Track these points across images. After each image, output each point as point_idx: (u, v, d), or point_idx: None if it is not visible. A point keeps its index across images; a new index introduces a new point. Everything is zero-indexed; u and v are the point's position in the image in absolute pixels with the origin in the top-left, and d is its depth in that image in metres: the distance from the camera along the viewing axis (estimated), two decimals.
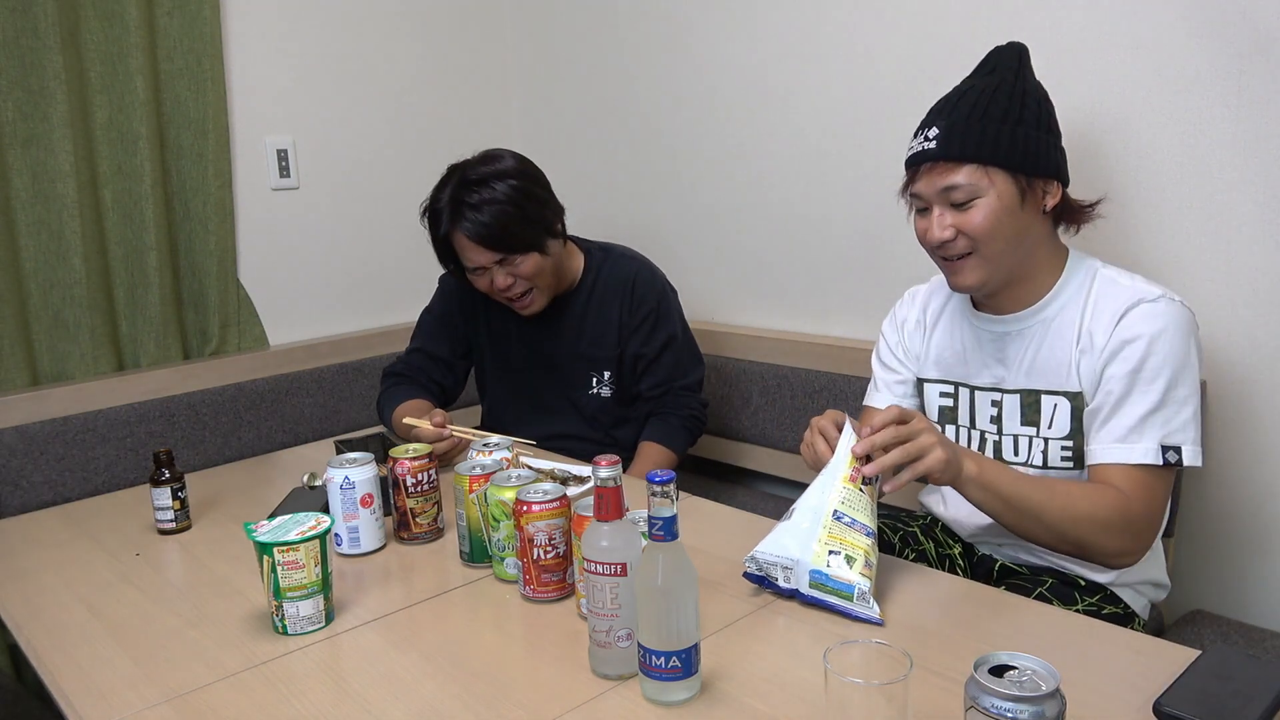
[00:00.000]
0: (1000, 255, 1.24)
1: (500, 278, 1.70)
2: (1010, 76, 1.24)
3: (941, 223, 1.24)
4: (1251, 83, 1.44)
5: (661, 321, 1.85)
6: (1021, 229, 1.23)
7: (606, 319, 1.84)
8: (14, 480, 1.83)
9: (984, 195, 1.21)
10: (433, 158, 2.57)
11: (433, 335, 1.93)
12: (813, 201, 2.07)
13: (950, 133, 1.22)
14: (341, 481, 1.31)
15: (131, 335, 2.08)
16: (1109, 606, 1.30)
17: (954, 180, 1.21)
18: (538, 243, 1.70)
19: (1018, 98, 1.22)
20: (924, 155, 1.24)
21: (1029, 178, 1.22)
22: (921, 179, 1.25)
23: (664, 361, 1.85)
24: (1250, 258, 1.49)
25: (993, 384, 1.35)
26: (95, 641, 1.13)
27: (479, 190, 1.66)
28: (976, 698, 0.74)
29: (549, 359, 1.87)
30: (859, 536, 1.10)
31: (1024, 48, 1.28)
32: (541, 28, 2.61)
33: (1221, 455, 1.57)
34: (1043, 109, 1.25)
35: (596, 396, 1.86)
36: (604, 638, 0.97)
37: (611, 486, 0.96)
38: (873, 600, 1.06)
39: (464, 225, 1.65)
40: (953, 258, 1.26)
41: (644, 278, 1.86)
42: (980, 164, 1.20)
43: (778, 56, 2.06)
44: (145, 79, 1.98)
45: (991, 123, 1.21)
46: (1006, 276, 1.28)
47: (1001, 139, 1.20)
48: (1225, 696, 0.86)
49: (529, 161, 1.77)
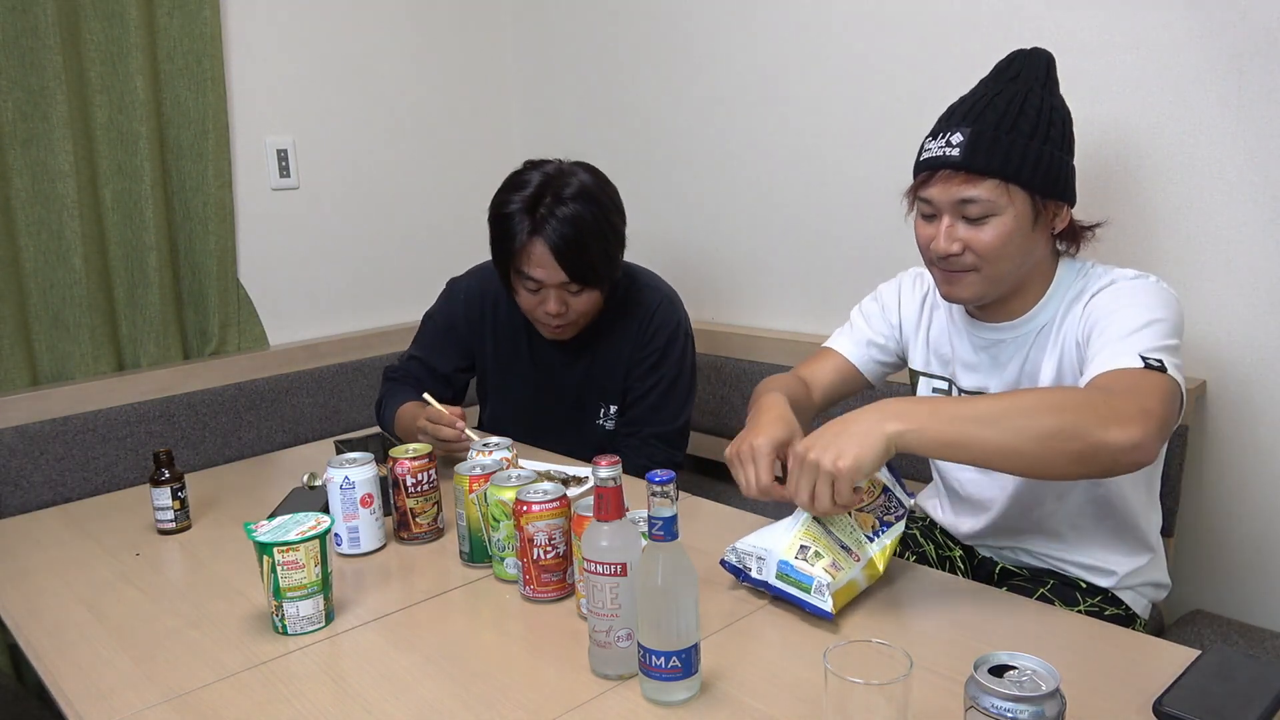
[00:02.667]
0: (1004, 276, 1.21)
1: (553, 303, 1.61)
2: (1038, 88, 1.18)
3: (950, 234, 1.19)
4: (1251, 83, 1.44)
5: (662, 362, 1.75)
6: (1029, 250, 1.20)
7: (619, 351, 1.76)
8: (14, 480, 1.83)
9: (1001, 214, 1.16)
10: (433, 158, 2.59)
11: (434, 347, 1.85)
12: (813, 202, 2.07)
13: (977, 142, 1.15)
14: (341, 481, 1.31)
15: (131, 335, 2.08)
16: (1110, 608, 1.30)
17: (973, 194, 1.15)
18: (604, 281, 1.64)
19: (1046, 113, 1.16)
20: (944, 161, 1.17)
21: (1044, 199, 1.17)
22: (936, 185, 1.18)
23: (646, 403, 1.75)
24: (1250, 258, 1.49)
25: (977, 388, 1.33)
26: (95, 641, 1.13)
27: (569, 205, 1.56)
28: (976, 698, 0.74)
29: (558, 386, 1.80)
30: (831, 542, 1.10)
31: (1050, 57, 1.22)
32: (541, 28, 2.61)
33: (1221, 455, 1.57)
34: (1066, 127, 1.19)
35: (602, 428, 1.80)
36: (604, 638, 0.97)
37: (611, 486, 0.96)
38: (829, 595, 1.04)
39: (548, 235, 1.55)
40: (953, 270, 1.22)
41: (663, 313, 1.76)
42: (1004, 180, 1.15)
43: (778, 56, 2.06)
44: (145, 79, 1.98)
45: (1020, 137, 1.14)
46: (1001, 293, 1.25)
47: (1029, 156, 1.14)
48: (1225, 696, 0.86)
49: (613, 188, 1.68)
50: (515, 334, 1.81)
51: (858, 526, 1.13)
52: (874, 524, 1.14)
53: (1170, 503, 1.51)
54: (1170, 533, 1.52)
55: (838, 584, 1.06)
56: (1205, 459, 1.58)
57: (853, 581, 1.09)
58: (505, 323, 1.81)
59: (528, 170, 1.63)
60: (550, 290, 1.61)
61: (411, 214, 2.55)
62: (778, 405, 1.21)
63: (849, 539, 1.12)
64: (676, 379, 1.76)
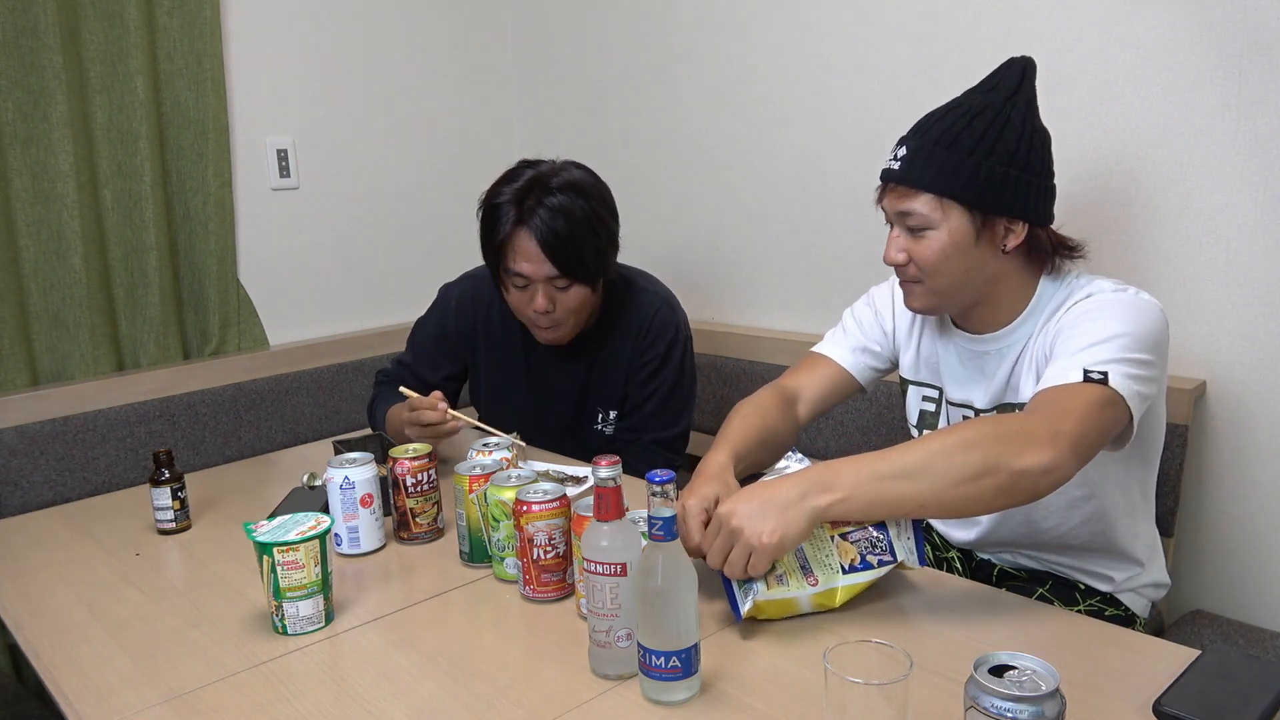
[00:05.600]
0: (947, 290, 1.21)
1: (541, 298, 1.59)
2: (999, 101, 1.17)
3: (896, 244, 1.22)
4: (1251, 83, 1.44)
5: (662, 368, 1.73)
6: (971, 267, 1.19)
7: (618, 358, 1.74)
8: (14, 480, 1.83)
9: (936, 228, 1.17)
10: (433, 159, 2.59)
11: (425, 356, 1.82)
12: (812, 202, 2.07)
13: (914, 157, 1.18)
14: (341, 481, 1.31)
15: (131, 335, 2.08)
16: (1110, 608, 1.30)
17: (910, 206, 1.18)
18: (594, 277, 1.61)
19: (996, 127, 1.15)
20: (888, 174, 1.21)
21: (986, 215, 1.16)
22: (886, 196, 1.23)
23: (647, 409, 1.74)
24: (1250, 258, 1.49)
25: (963, 400, 1.33)
26: (95, 641, 1.13)
27: (557, 196, 1.55)
28: (976, 698, 0.74)
29: (555, 391, 1.79)
30: (793, 558, 1.07)
31: (1029, 65, 1.20)
32: (541, 28, 2.61)
33: (1221, 455, 1.57)
34: (1023, 142, 1.16)
35: (600, 433, 1.79)
36: (604, 638, 0.97)
37: (611, 486, 0.96)
38: (751, 600, 1.04)
39: (534, 226, 1.53)
40: (904, 280, 1.25)
41: (662, 318, 1.73)
42: (936, 195, 1.16)
43: (778, 57, 2.06)
44: (145, 79, 1.98)
45: (956, 152, 1.15)
46: (959, 306, 1.26)
47: (961, 172, 1.14)
48: (1225, 696, 0.86)
49: (605, 186, 1.66)
50: (510, 339, 1.78)
51: (836, 553, 1.08)
52: (854, 559, 1.08)
53: (1170, 503, 1.51)
54: (1170, 533, 1.52)
55: (769, 595, 1.04)
56: (1205, 459, 1.58)
57: (791, 600, 1.06)
58: (499, 327, 1.79)
59: (521, 167, 1.62)
60: (538, 286, 1.58)
61: (411, 214, 2.55)
62: (715, 464, 1.20)
63: (816, 562, 1.08)
64: (676, 385, 1.75)
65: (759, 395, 1.41)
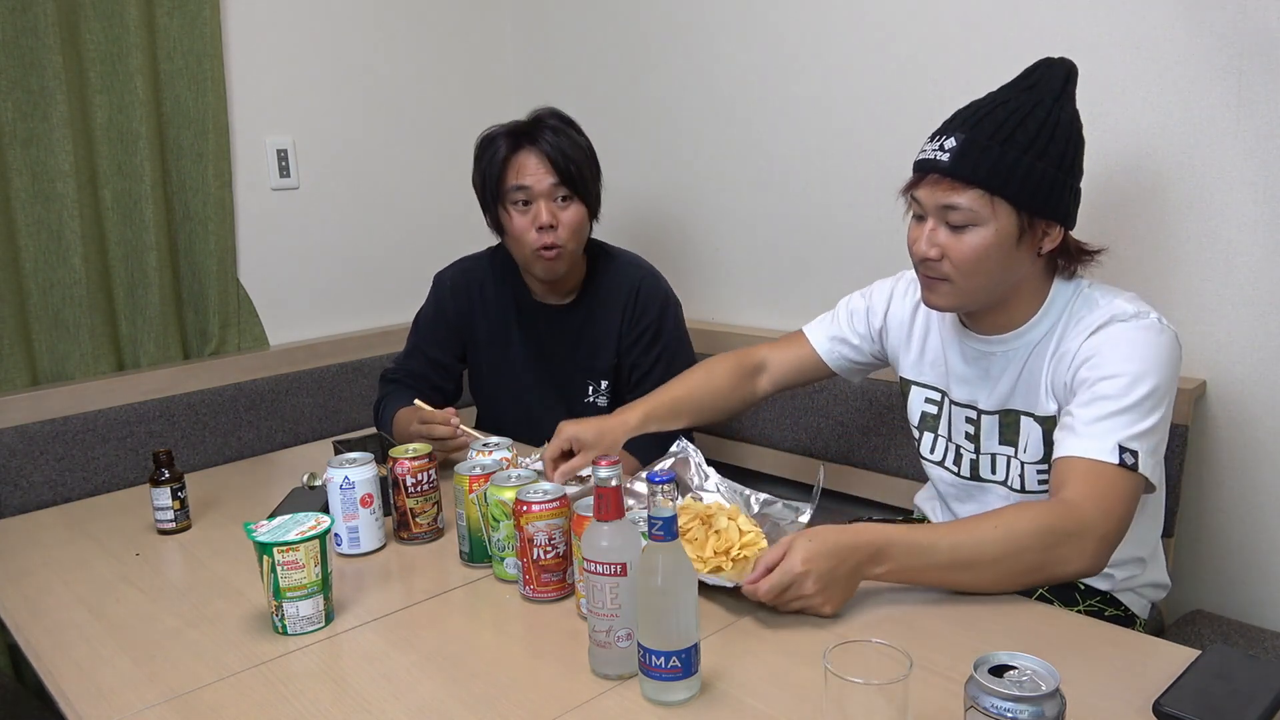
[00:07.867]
0: (977, 290, 1.20)
1: (545, 213, 1.69)
2: (1049, 100, 1.15)
3: (932, 239, 1.18)
4: (1251, 83, 1.44)
5: (661, 334, 1.81)
6: (1008, 267, 1.18)
7: (607, 329, 1.81)
8: (14, 480, 1.83)
9: (983, 225, 1.14)
10: (433, 157, 2.58)
11: (430, 338, 1.89)
12: (814, 201, 2.07)
13: (967, 149, 1.13)
14: (341, 481, 1.31)
15: (131, 335, 2.08)
16: (1110, 608, 1.30)
17: (956, 200, 1.14)
18: (590, 196, 1.75)
19: (1049, 128, 1.14)
20: (933, 165, 1.16)
21: (1033, 217, 1.15)
22: (924, 188, 1.18)
23: (654, 376, 1.78)
24: (1250, 258, 1.49)
25: (968, 401, 1.33)
26: (95, 641, 1.13)
27: (554, 123, 1.72)
28: (976, 698, 0.74)
29: (546, 366, 1.85)
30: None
31: (1071, 69, 1.19)
32: (541, 28, 2.61)
33: (1221, 455, 1.57)
34: (1070, 146, 1.16)
35: (593, 405, 1.84)
36: (604, 638, 0.97)
37: (611, 486, 0.96)
38: None
39: (537, 142, 1.69)
40: (931, 276, 1.21)
41: (648, 287, 1.82)
42: (989, 191, 1.13)
43: (780, 55, 2.06)
44: (145, 79, 1.98)
45: (1012, 149, 1.12)
46: (980, 307, 1.24)
47: (1017, 170, 1.12)
48: (1225, 696, 0.86)
49: None
50: (505, 310, 1.86)
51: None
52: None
53: (1170, 503, 1.51)
54: (1170, 533, 1.52)
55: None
56: (1205, 459, 1.58)
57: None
58: (494, 301, 1.86)
59: None
60: (540, 202, 1.69)
61: (412, 214, 2.55)
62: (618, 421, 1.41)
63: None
64: (678, 349, 1.84)
65: (717, 359, 1.52)
